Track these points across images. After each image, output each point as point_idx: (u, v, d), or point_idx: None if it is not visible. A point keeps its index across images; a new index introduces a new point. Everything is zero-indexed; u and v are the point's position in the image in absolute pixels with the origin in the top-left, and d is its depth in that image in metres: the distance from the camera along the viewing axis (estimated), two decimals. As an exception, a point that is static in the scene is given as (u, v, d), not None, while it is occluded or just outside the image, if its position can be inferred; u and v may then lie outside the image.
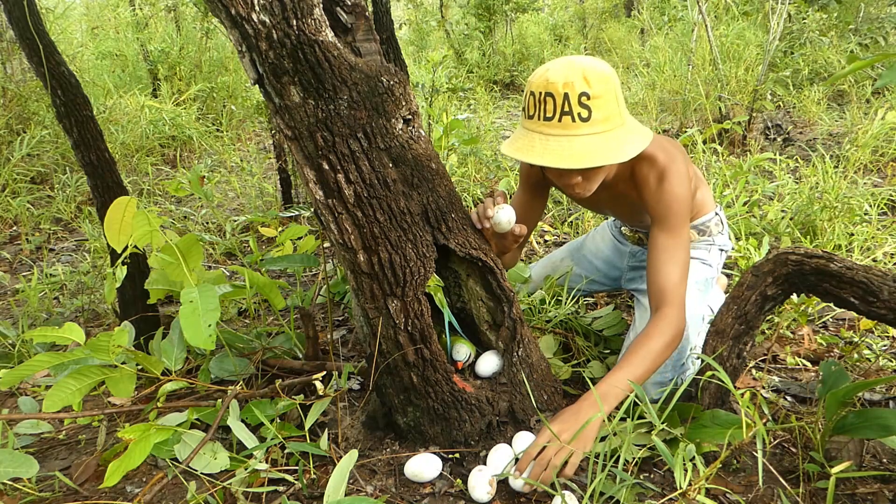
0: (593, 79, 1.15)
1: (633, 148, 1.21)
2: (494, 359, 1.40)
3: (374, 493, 1.23)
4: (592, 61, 1.20)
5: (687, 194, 1.35)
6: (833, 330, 1.88)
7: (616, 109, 1.20)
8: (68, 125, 1.67)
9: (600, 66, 1.19)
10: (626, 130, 1.22)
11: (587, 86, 1.15)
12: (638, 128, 1.27)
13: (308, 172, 1.17)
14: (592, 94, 1.15)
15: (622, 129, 1.21)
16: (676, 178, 1.34)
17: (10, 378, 1.19)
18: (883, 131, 3.12)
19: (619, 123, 1.20)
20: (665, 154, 1.35)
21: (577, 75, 1.15)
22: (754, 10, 5.00)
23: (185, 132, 4.37)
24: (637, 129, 1.26)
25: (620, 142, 1.19)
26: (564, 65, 1.18)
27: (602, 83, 1.16)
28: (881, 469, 1.26)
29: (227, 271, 2.44)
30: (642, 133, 1.26)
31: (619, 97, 1.21)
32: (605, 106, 1.17)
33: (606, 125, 1.18)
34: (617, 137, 1.19)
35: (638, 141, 1.23)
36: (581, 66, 1.17)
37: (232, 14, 1.04)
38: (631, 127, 1.24)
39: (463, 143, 3.00)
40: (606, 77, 1.17)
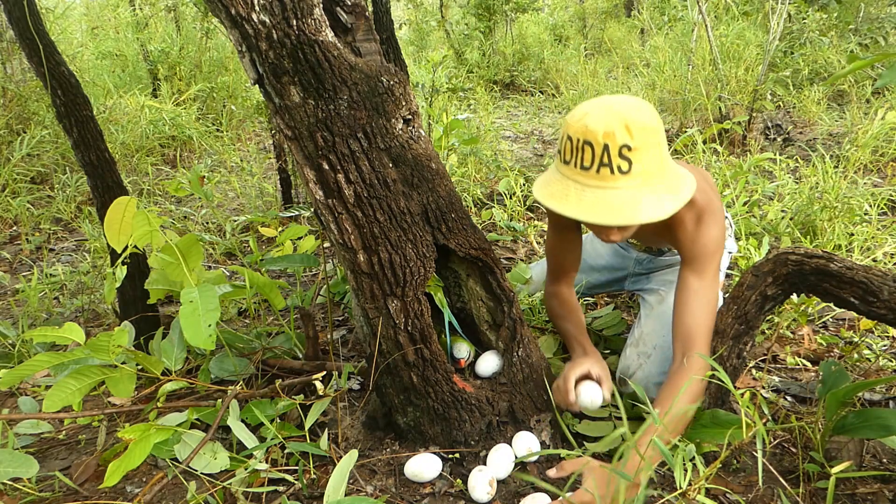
0: (636, 129, 1.07)
1: (675, 203, 1.11)
2: (494, 359, 1.40)
3: (374, 493, 1.23)
4: (635, 107, 1.11)
5: (722, 236, 1.31)
6: (833, 330, 1.88)
7: (658, 161, 1.11)
8: (68, 125, 1.67)
9: (644, 115, 1.09)
10: (668, 183, 1.13)
11: (629, 137, 1.06)
12: (679, 178, 1.17)
13: (308, 172, 1.17)
14: (634, 146, 1.06)
15: (663, 181, 1.12)
16: (713, 220, 1.29)
17: (10, 378, 1.19)
18: (883, 131, 3.12)
19: (660, 176, 1.11)
20: (702, 195, 1.29)
21: (619, 124, 1.06)
22: (754, 10, 5.00)
23: (185, 132, 4.36)
24: (679, 179, 1.16)
25: (661, 197, 1.10)
26: (605, 110, 1.09)
27: (645, 134, 1.08)
28: (881, 469, 1.26)
29: (227, 271, 2.44)
30: (684, 184, 1.16)
31: (661, 146, 1.12)
32: (646, 158, 1.08)
33: (647, 178, 1.09)
34: (657, 191, 1.10)
35: (680, 195, 1.13)
36: (623, 115, 1.08)
37: (232, 14, 1.04)
38: (672, 178, 1.15)
39: (463, 143, 3.00)
40: (650, 128, 1.08)
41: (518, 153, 4.21)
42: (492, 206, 2.96)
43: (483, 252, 1.31)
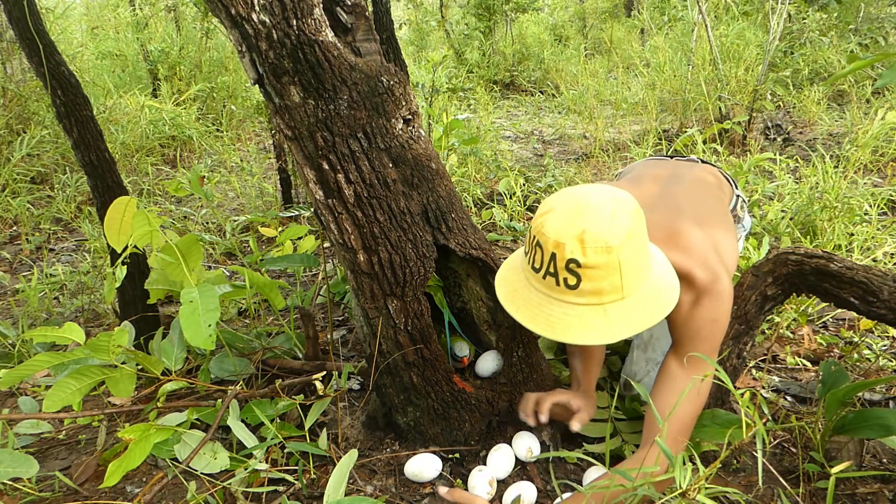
0: (592, 247, 0.92)
1: (627, 328, 0.97)
2: (494, 359, 1.40)
3: (374, 493, 1.23)
4: (606, 217, 0.94)
5: (722, 322, 1.12)
6: (833, 330, 1.88)
7: (616, 283, 0.95)
8: (68, 125, 1.67)
9: (609, 231, 0.93)
10: (626, 305, 0.97)
11: (581, 254, 0.92)
12: (648, 299, 0.99)
13: (308, 172, 1.17)
14: (584, 263, 0.92)
15: (621, 302, 0.97)
16: (714, 303, 1.10)
17: (10, 378, 1.19)
18: (883, 131, 3.12)
19: (619, 296, 0.96)
20: (706, 272, 1.10)
21: (573, 237, 0.93)
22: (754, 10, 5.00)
23: (185, 132, 4.36)
24: (646, 301, 0.99)
25: (610, 320, 0.96)
26: (568, 214, 0.95)
27: (602, 255, 0.92)
28: (881, 469, 1.26)
29: (227, 271, 2.44)
30: (650, 306, 0.99)
31: (627, 267, 0.95)
32: (600, 278, 0.94)
33: (598, 298, 0.96)
34: (607, 313, 0.96)
35: (637, 319, 0.97)
36: (583, 225, 0.93)
37: (232, 14, 1.04)
38: (637, 298, 0.98)
39: (463, 143, 3.00)
40: (612, 248, 0.92)
41: (518, 153, 4.21)
42: (492, 206, 2.96)
43: (483, 252, 1.31)
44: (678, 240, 1.14)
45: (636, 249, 0.96)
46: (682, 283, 1.11)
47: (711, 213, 1.28)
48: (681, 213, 1.21)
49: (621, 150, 3.92)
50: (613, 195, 0.98)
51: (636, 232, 0.96)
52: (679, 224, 1.17)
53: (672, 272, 1.06)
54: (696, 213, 1.23)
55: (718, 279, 1.11)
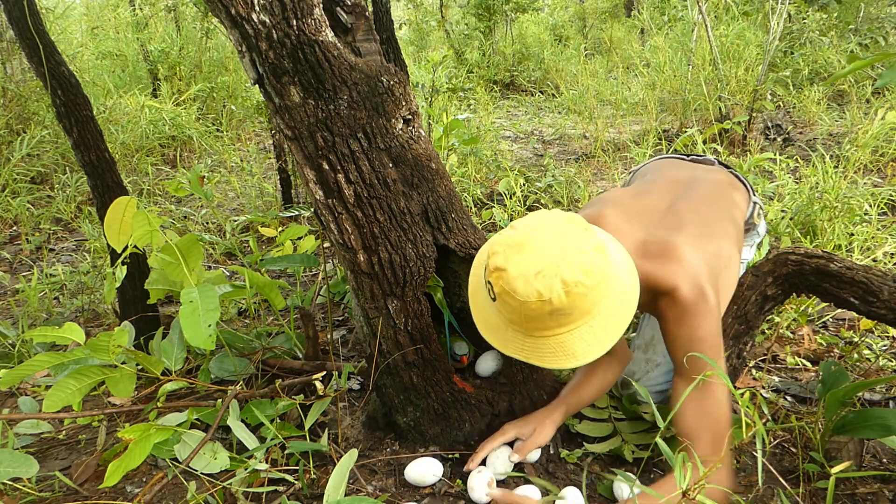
0: (565, 291, 0.93)
1: (599, 346, 0.99)
2: (494, 359, 1.40)
3: (374, 492, 1.23)
4: (571, 260, 0.94)
5: (711, 341, 1.10)
6: (833, 330, 1.88)
7: (586, 308, 0.96)
8: (68, 125, 1.67)
9: (575, 271, 0.93)
10: (596, 323, 0.99)
11: (563, 301, 0.93)
12: (615, 309, 1.00)
13: (308, 172, 1.17)
14: (558, 307, 0.94)
15: (590, 323, 0.98)
16: (698, 321, 1.09)
17: (10, 378, 1.19)
18: (883, 131, 3.12)
19: (587, 319, 0.98)
20: (693, 289, 1.09)
21: (542, 289, 0.93)
22: (754, 10, 5.00)
23: (185, 132, 4.36)
24: (613, 311, 1.00)
25: (586, 342, 0.98)
26: (528, 264, 0.95)
27: (578, 292, 0.94)
28: (881, 469, 1.26)
29: (227, 271, 2.44)
30: (618, 315, 1.00)
31: (597, 292, 0.96)
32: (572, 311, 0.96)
33: (568, 327, 0.98)
34: (582, 336, 0.98)
35: (609, 333, 0.99)
36: (552, 273, 0.93)
37: (232, 14, 1.04)
38: (605, 311, 0.99)
39: (463, 143, 3.00)
40: (583, 284, 0.94)
41: (518, 153, 4.21)
42: (492, 206, 2.96)
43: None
44: (671, 254, 1.13)
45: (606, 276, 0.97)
46: (667, 297, 1.11)
47: (717, 226, 1.28)
48: (682, 229, 1.20)
49: (621, 150, 3.93)
50: (560, 232, 0.98)
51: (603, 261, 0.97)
52: (676, 239, 1.16)
53: (629, 266, 1.06)
54: (700, 227, 1.22)
55: (704, 298, 1.10)
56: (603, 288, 0.97)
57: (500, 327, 1.03)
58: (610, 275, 0.98)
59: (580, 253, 0.95)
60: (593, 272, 0.94)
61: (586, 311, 0.96)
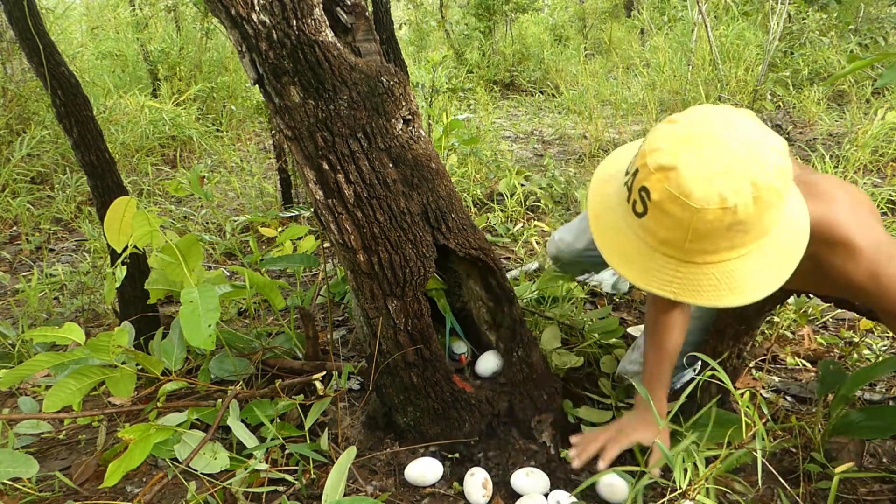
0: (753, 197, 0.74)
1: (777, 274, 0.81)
2: (494, 359, 1.40)
3: (373, 492, 1.23)
4: (759, 162, 0.74)
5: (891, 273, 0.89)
6: (833, 330, 1.88)
7: (764, 226, 0.79)
8: (68, 125, 1.67)
9: (763, 175, 0.74)
10: (764, 250, 0.81)
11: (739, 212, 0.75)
12: (784, 239, 0.82)
13: (308, 172, 1.17)
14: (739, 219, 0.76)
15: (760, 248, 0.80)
16: (874, 257, 0.88)
17: (10, 378, 1.19)
18: (883, 131, 3.12)
19: (759, 242, 0.80)
20: (866, 233, 0.89)
21: (731, 194, 0.74)
22: (754, 10, 5.00)
23: (185, 132, 4.36)
24: (782, 241, 0.82)
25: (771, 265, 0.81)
26: (712, 166, 0.75)
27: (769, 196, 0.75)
28: (881, 469, 1.26)
29: (227, 271, 2.44)
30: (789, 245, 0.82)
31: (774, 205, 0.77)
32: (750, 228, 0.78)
33: (739, 251, 0.80)
34: (745, 264, 0.80)
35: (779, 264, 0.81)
36: (745, 176, 0.74)
37: (232, 14, 1.04)
38: (773, 239, 0.81)
39: (463, 143, 3.00)
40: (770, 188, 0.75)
41: (518, 153, 4.21)
42: (492, 206, 2.96)
43: (483, 252, 1.31)
44: (829, 196, 0.91)
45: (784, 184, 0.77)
46: (841, 252, 0.90)
47: None
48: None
49: (621, 150, 3.92)
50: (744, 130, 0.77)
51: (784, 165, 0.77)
52: (834, 182, 0.96)
53: (800, 200, 0.87)
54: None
55: (880, 242, 0.89)
56: (785, 203, 0.78)
57: (641, 253, 0.82)
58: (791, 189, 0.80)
59: (772, 150, 0.75)
60: (785, 176, 0.75)
61: (764, 229, 0.78)
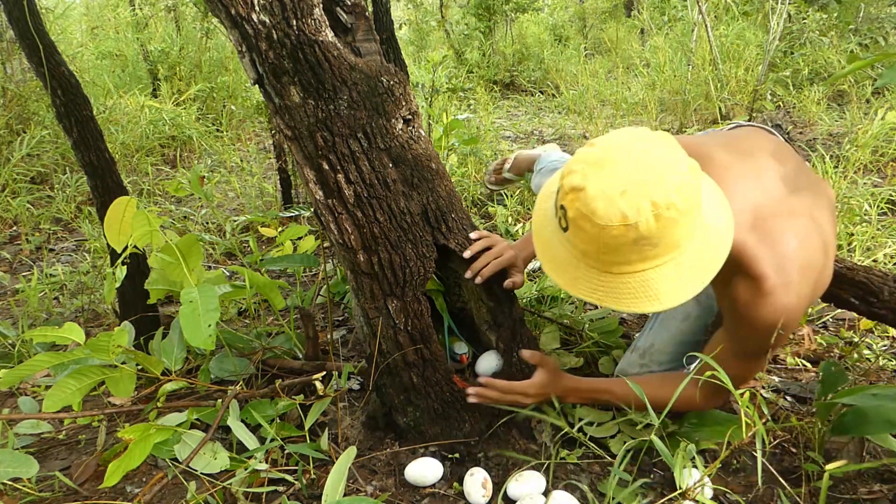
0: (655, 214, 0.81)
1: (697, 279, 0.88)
2: (494, 359, 1.40)
3: (373, 492, 1.23)
4: (662, 180, 0.81)
5: (770, 335, 1.00)
6: (833, 330, 1.88)
7: (675, 239, 0.85)
8: (68, 125, 1.67)
9: (669, 191, 0.81)
10: (681, 261, 0.87)
11: (643, 230, 0.82)
12: (701, 251, 0.88)
13: (308, 172, 1.17)
14: (646, 235, 0.83)
15: (677, 259, 0.87)
16: (771, 313, 0.98)
17: (10, 378, 1.19)
18: (883, 131, 3.12)
19: (675, 254, 0.87)
20: (779, 274, 0.96)
21: (631, 212, 0.81)
22: (754, 10, 5.00)
23: (185, 132, 4.36)
24: (699, 253, 0.88)
25: (682, 275, 0.87)
26: (615, 184, 0.82)
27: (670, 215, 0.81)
28: (881, 469, 1.26)
29: (227, 271, 2.44)
30: (705, 258, 0.88)
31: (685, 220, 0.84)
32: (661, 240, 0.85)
33: (654, 262, 0.87)
34: (668, 273, 0.87)
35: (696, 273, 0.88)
36: (645, 195, 0.81)
37: (232, 14, 1.04)
38: (691, 251, 0.87)
39: (463, 143, 3.00)
40: (675, 206, 0.82)
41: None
42: (492, 205, 2.96)
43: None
44: (779, 239, 0.99)
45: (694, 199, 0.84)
46: (745, 280, 0.99)
47: (827, 212, 1.10)
48: (800, 215, 1.03)
49: (621, 150, 3.92)
50: (651, 150, 0.85)
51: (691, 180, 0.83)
52: (791, 224, 1.01)
53: (724, 209, 0.93)
54: (816, 211, 1.07)
55: (786, 287, 0.97)
56: (695, 218, 0.84)
57: (569, 264, 0.90)
58: (701, 206, 0.86)
59: (675, 172, 0.81)
60: (688, 196, 0.81)
61: (675, 243, 0.84)
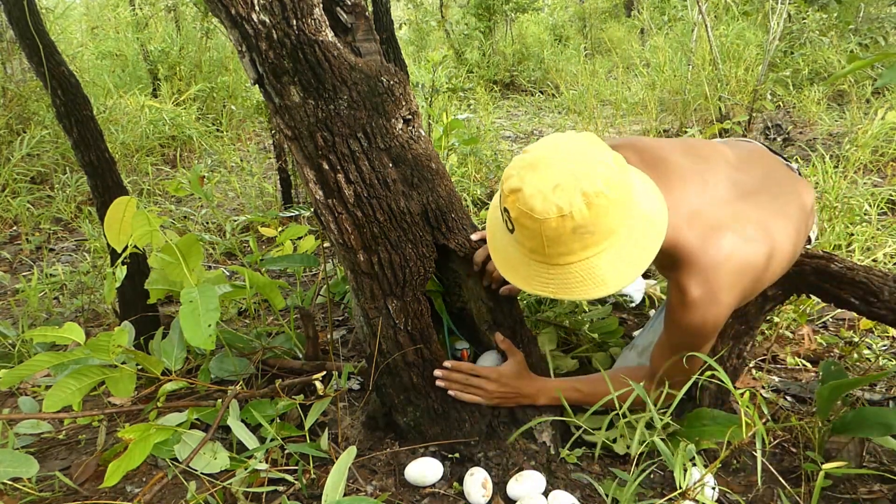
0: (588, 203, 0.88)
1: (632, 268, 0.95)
2: (494, 358, 1.40)
3: (373, 492, 1.23)
4: (585, 171, 0.89)
5: (710, 332, 1.10)
6: (833, 330, 1.88)
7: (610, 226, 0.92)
8: (68, 125, 1.67)
9: (595, 180, 0.88)
10: (618, 248, 0.94)
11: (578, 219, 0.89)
12: (637, 236, 0.95)
13: (308, 172, 1.17)
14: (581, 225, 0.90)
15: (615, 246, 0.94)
16: (695, 316, 1.07)
17: (10, 378, 1.19)
18: (883, 131, 3.12)
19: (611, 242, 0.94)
20: (704, 285, 1.05)
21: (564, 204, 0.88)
22: (754, 10, 5.00)
23: (185, 132, 4.36)
24: (636, 238, 0.95)
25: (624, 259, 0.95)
26: (547, 181, 0.89)
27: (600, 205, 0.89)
28: (881, 470, 1.26)
29: (227, 271, 2.44)
30: (643, 241, 0.96)
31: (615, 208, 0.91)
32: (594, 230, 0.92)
33: (594, 249, 0.94)
34: (601, 263, 0.94)
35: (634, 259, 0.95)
36: (573, 189, 0.88)
37: (232, 14, 1.04)
38: (626, 237, 0.95)
39: (463, 143, 3.00)
40: (603, 195, 0.89)
41: (518, 153, 4.20)
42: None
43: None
44: (711, 245, 1.06)
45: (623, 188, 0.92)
46: (680, 278, 1.06)
47: (781, 212, 1.16)
48: (742, 220, 1.09)
49: (621, 150, 3.91)
50: (574, 147, 0.93)
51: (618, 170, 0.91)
52: (726, 232, 1.07)
53: (656, 196, 1.01)
54: (765, 213, 1.13)
55: (720, 287, 1.05)
56: (627, 205, 0.92)
57: (521, 263, 0.97)
58: (633, 193, 0.94)
59: (600, 164, 0.89)
60: (616, 185, 0.89)
61: (611, 229, 0.91)
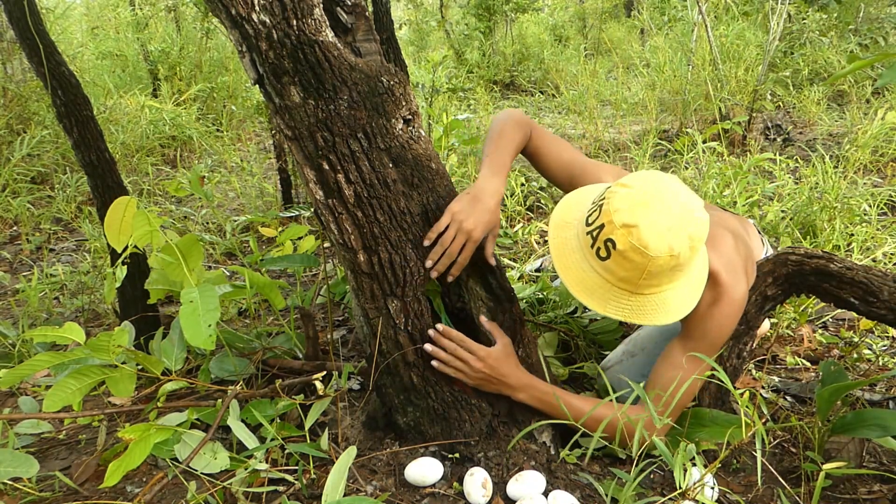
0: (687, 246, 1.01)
1: (683, 307, 1.09)
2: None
3: (373, 492, 1.23)
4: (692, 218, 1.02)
5: (732, 327, 1.22)
6: (833, 330, 1.88)
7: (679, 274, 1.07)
8: (68, 125, 1.67)
9: (692, 232, 1.01)
10: (678, 288, 1.09)
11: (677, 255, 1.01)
12: (691, 281, 1.10)
13: (308, 172, 1.17)
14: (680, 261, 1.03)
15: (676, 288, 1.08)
16: (729, 308, 1.19)
17: (10, 378, 1.19)
18: (883, 131, 3.12)
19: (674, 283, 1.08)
20: (730, 274, 1.19)
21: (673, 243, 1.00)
22: (754, 10, 5.00)
23: (186, 132, 4.36)
24: (689, 283, 1.10)
25: (689, 290, 1.10)
26: (661, 221, 1.00)
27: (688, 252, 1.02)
28: (881, 470, 1.26)
29: (227, 271, 2.44)
30: (693, 287, 1.11)
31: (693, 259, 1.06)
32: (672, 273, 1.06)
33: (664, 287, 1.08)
34: (668, 298, 1.08)
35: (686, 299, 1.10)
36: (683, 231, 1.01)
37: (232, 14, 1.04)
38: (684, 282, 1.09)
39: (463, 143, 3.00)
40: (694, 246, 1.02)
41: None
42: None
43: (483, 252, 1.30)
44: (714, 242, 1.20)
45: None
46: (708, 280, 1.16)
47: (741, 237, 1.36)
48: (723, 223, 1.29)
49: (621, 150, 3.92)
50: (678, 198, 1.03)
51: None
52: (717, 229, 1.22)
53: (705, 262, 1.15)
54: (735, 229, 1.33)
55: (738, 283, 1.19)
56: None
57: (601, 287, 1.06)
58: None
59: (697, 209, 1.01)
60: (706, 227, 1.02)
61: (690, 267, 1.06)
